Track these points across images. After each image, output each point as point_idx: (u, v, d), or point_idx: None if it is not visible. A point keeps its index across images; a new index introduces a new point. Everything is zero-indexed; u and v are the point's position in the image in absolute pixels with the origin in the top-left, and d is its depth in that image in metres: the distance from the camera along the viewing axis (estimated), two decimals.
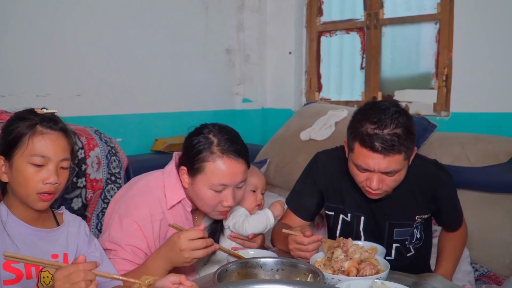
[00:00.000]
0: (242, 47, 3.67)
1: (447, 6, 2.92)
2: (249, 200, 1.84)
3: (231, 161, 1.59)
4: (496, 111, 2.73)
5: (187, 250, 1.45)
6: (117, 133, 2.76)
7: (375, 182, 1.60)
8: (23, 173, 1.34)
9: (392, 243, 1.81)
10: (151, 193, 1.65)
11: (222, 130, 1.65)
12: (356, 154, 1.61)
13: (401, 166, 1.59)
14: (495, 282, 2.24)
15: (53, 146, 1.36)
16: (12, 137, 1.35)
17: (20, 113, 1.41)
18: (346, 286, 1.32)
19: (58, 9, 2.50)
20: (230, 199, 1.61)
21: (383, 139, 1.53)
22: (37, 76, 2.44)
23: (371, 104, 1.64)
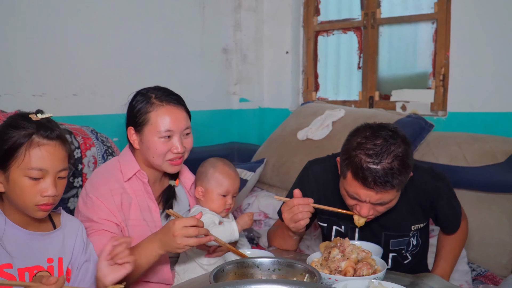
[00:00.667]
0: (239, 47, 3.66)
1: (444, 5, 2.92)
2: (218, 203, 1.84)
3: (171, 107, 1.72)
4: (493, 110, 2.73)
5: (180, 236, 1.50)
6: (113, 133, 2.75)
7: (365, 210, 1.59)
8: (20, 186, 1.31)
9: (389, 253, 1.80)
10: (108, 172, 1.77)
11: (157, 88, 1.80)
12: (348, 182, 1.57)
13: (393, 197, 1.57)
14: (492, 282, 2.24)
15: (51, 158, 1.33)
16: (7, 147, 1.31)
17: (14, 120, 1.36)
18: (343, 286, 1.32)
19: (54, 9, 2.49)
20: (179, 145, 1.71)
21: (377, 175, 1.48)
22: (33, 75, 2.43)
23: (369, 130, 1.57)
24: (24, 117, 1.36)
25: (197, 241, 1.53)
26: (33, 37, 2.42)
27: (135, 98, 1.78)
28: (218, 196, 1.84)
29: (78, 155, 2.20)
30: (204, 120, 3.45)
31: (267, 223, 2.89)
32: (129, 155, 1.81)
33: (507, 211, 2.30)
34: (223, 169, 1.86)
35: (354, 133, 1.60)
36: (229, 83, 3.68)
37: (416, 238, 1.83)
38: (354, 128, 1.64)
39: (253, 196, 2.99)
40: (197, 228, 1.52)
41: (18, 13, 2.36)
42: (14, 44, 2.36)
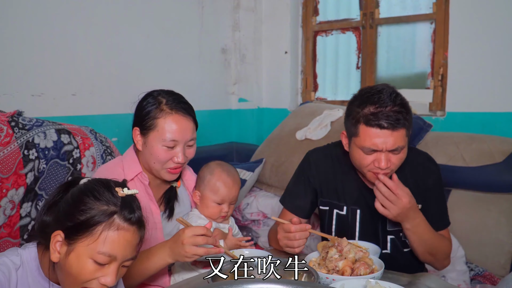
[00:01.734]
0: (238, 47, 3.66)
1: (443, 6, 2.92)
2: (213, 210, 1.84)
3: (180, 117, 1.70)
4: (492, 110, 2.73)
5: (188, 245, 1.49)
6: (112, 133, 2.75)
7: (384, 161, 1.64)
8: (83, 267, 1.17)
9: (387, 235, 1.82)
10: (110, 171, 1.75)
11: (169, 92, 1.77)
12: (362, 137, 1.64)
13: (404, 142, 1.65)
14: (490, 281, 2.24)
15: (125, 245, 1.20)
16: (83, 220, 1.16)
17: (98, 189, 1.21)
18: (340, 285, 1.32)
19: (52, 9, 2.49)
20: (181, 155, 1.70)
21: (388, 115, 1.59)
22: (31, 75, 2.43)
23: (367, 88, 1.70)
24: (109, 187, 1.22)
25: (206, 251, 1.52)
26: (31, 37, 2.42)
27: (146, 99, 1.76)
28: (213, 204, 1.83)
29: (77, 155, 2.20)
30: (202, 120, 3.41)
31: (266, 223, 2.89)
32: (132, 156, 1.81)
33: (505, 211, 2.31)
34: (220, 177, 1.84)
35: (354, 98, 1.71)
36: (228, 83, 3.68)
37: None
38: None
39: (252, 196, 2.99)
40: (205, 238, 1.51)
41: (17, 13, 2.36)
42: (13, 44, 2.36)
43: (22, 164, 1.98)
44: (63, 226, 1.18)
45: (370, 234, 1.82)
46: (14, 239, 1.96)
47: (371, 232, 1.82)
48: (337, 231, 1.88)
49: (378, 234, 1.81)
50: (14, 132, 2.00)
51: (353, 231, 1.84)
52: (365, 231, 1.82)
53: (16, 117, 2.06)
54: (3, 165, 1.91)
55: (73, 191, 1.24)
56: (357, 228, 1.83)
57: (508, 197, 2.33)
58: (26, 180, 1.98)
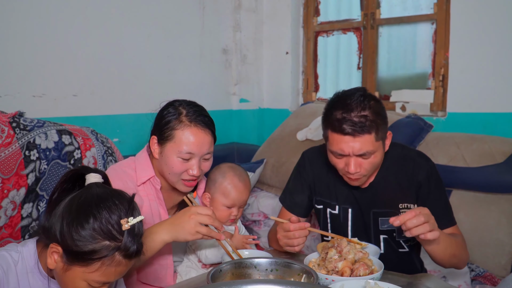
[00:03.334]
0: (239, 47, 3.67)
1: (444, 6, 2.92)
2: (222, 214, 1.85)
3: (198, 130, 1.69)
4: (492, 111, 2.73)
5: (194, 220, 1.50)
6: (113, 133, 2.76)
7: (353, 166, 1.65)
8: (74, 285, 1.21)
9: (379, 234, 1.82)
10: (123, 172, 1.75)
11: (191, 103, 1.76)
12: (330, 141, 1.68)
13: (374, 147, 1.64)
14: (491, 282, 2.24)
15: (120, 273, 1.23)
16: (84, 251, 1.17)
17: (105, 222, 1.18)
18: (339, 286, 1.33)
19: (53, 9, 2.50)
20: (196, 168, 1.69)
21: (351, 121, 1.60)
22: (32, 76, 2.44)
23: (339, 93, 1.72)
24: (114, 215, 1.20)
25: (209, 231, 1.52)
26: (32, 38, 2.43)
27: (167, 108, 1.75)
28: (223, 207, 1.83)
29: (78, 156, 2.21)
30: None
31: (267, 223, 2.89)
32: (146, 159, 1.80)
33: (506, 211, 2.31)
34: (232, 180, 1.84)
35: (328, 102, 1.74)
36: (229, 84, 3.68)
37: None
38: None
39: (253, 197, 3.00)
40: (212, 218, 1.53)
41: (18, 14, 2.37)
42: (14, 45, 2.36)
43: (23, 164, 1.99)
44: (63, 244, 1.19)
45: (362, 233, 1.82)
46: (15, 239, 1.97)
47: (363, 231, 1.82)
48: (332, 230, 1.89)
49: (370, 234, 1.82)
50: (15, 133, 2.00)
51: (345, 230, 1.85)
52: (357, 230, 1.83)
53: (17, 118, 2.06)
54: (4, 166, 1.92)
55: (78, 205, 1.21)
56: (349, 227, 1.84)
57: (509, 198, 2.33)
58: (27, 181, 1.99)
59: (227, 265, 1.40)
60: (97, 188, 1.25)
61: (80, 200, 1.22)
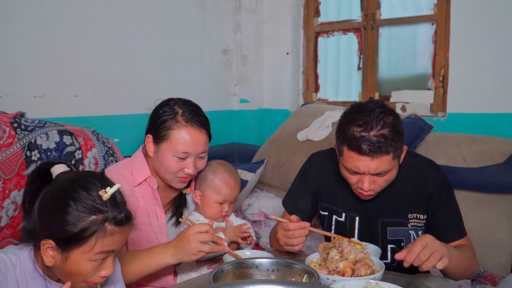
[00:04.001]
0: (239, 48, 3.67)
1: (444, 7, 2.93)
2: (214, 210, 1.85)
3: (194, 130, 1.71)
4: (492, 111, 2.74)
5: (194, 241, 1.51)
6: (114, 134, 2.76)
7: (367, 183, 1.61)
8: (83, 269, 1.20)
9: (387, 244, 1.80)
10: (119, 173, 1.76)
11: (186, 103, 1.77)
12: (345, 157, 1.62)
13: (390, 166, 1.60)
14: (491, 282, 2.24)
15: (119, 241, 1.23)
16: (75, 232, 1.16)
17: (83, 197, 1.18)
18: (341, 286, 1.33)
19: (54, 10, 2.50)
20: (192, 167, 1.72)
21: (370, 141, 1.54)
22: (33, 76, 2.44)
23: (357, 106, 1.64)
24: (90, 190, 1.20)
25: (211, 248, 1.53)
26: (33, 38, 2.43)
27: (163, 107, 1.75)
28: (215, 204, 1.84)
29: (79, 156, 2.21)
30: None
31: (267, 223, 2.90)
32: (141, 159, 1.81)
33: (506, 211, 2.31)
34: (222, 177, 1.85)
35: (344, 114, 1.67)
36: (229, 84, 3.69)
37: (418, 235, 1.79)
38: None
39: (253, 197, 3.00)
40: (210, 234, 1.53)
41: (19, 14, 2.37)
42: (15, 45, 2.37)
43: (24, 165, 1.99)
44: (52, 236, 1.18)
45: (369, 241, 1.79)
46: (17, 239, 1.97)
47: (370, 240, 1.78)
48: None
49: (378, 243, 1.78)
50: (17, 133, 2.01)
51: (351, 237, 1.83)
52: (364, 239, 1.78)
53: (18, 118, 2.06)
54: (6, 166, 1.92)
55: (53, 195, 1.21)
56: (356, 236, 1.81)
57: (509, 198, 2.34)
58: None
59: (229, 265, 1.41)
60: (65, 175, 1.25)
61: (53, 190, 1.22)
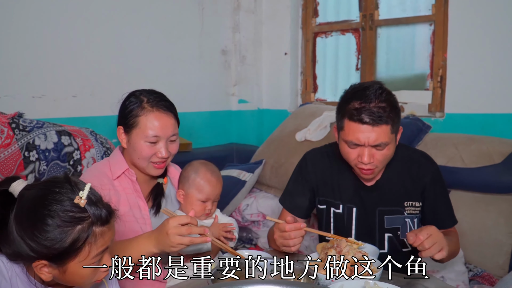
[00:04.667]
0: (238, 48, 3.68)
1: (442, 7, 2.93)
2: (197, 208, 1.86)
3: (161, 114, 1.75)
4: (490, 112, 2.74)
5: (173, 234, 1.51)
6: (113, 134, 2.75)
7: (366, 156, 1.67)
8: (84, 275, 1.19)
9: (384, 233, 1.83)
10: (97, 170, 1.81)
11: (150, 91, 1.83)
12: (346, 131, 1.69)
13: (389, 139, 1.66)
14: (489, 282, 2.25)
15: (111, 237, 1.23)
16: (65, 247, 1.13)
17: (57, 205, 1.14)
18: (339, 286, 1.33)
19: (53, 10, 2.50)
20: (164, 150, 1.75)
21: (370, 111, 1.62)
22: (32, 77, 2.44)
23: (356, 85, 1.75)
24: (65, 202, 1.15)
25: (191, 240, 1.53)
26: (32, 39, 2.43)
27: (129, 99, 1.82)
28: (198, 202, 1.86)
29: (78, 157, 2.21)
30: (203, 121, 3.47)
31: (266, 224, 2.90)
32: (118, 155, 1.86)
33: (504, 211, 2.32)
34: (204, 176, 1.87)
35: (344, 93, 1.76)
36: (228, 84, 3.69)
37: (416, 224, 1.84)
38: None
39: (252, 197, 3.00)
40: (190, 227, 1.53)
41: (18, 15, 2.37)
42: (14, 46, 2.37)
43: (22, 165, 1.99)
44: (44, 257, 1.15)
45: (367, 232, 1.83)
46: None
47: (367, 230, 1.83)
48: (335, 230, 1.90)
49: (375, 232, 1.83)
50: (15, 134, 2.01)
51: (349, 229, 1.85)
52: (361, 229, 1.84)
53: (16, 118, 2.07)
54: (4, 167, 1.92)
55: (27, 218, 1.14)
56: (353, 226, 1.85)
57: (507, 198, 2.34)
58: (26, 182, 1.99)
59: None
60: (28, 191, 1.19)
61: (24, 213, 1.15)
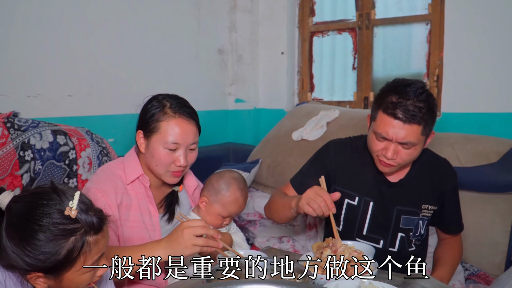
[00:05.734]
0: (235, 48, 3.67)
1: (438, 7, 2.94)
2: (216, 222, 1.86)
3: (183, 120, 1.73)
4: (487, 111, 2.75)
5: (188, 233, 1.50)
6: (108, 134, 2.76)
7: (391, 152, 1.68)
8: (81, 281, 1.19)
9: (398, 232, 1.85)
10: (111, 172, 1.77)
11: (173, 96, 1.80)
12: (378, 122, 1.70)
13: (417, 139, 1.66)
14: (485, 281, 2.25)
15: (105, 244, 1.21)
16: (59, 260, 1.12)
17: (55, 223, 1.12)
18: (334, 286, 1.33)
19: (49, 9, 2.49)
20: (183, 159, 1.72)
21: (406, 108, 1.62)
22: (27, 76, 2.43)
23: (400, 79, 1.74)
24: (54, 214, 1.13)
25: (206, 241, 1.53)
26: (27, 38, 2.42)
27: (151, 102, 1.78)
28: (219, 216, 1.85)
29: (73, 156, 2.21)
30: (199, 120, 3.46)
31: (262, 223, 2.90)
32: (134, 157, 1.82)
33: (500, 211, 2.32)
34: (234, 194, 1.84)
35: (386, 85, 1.75)
36: (225, 84, 3.69)
37: (424, 227, 1.87)
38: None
39: (249, 197, 2.99)
40: (206, 227, 1.53)
41: (13, 14, 2.36)
42: (9, 45, 2.36)
43: (18, 165, 1.99)
44: (39, 270, 1.14)
45: (380, 228, 1.84)
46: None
47: (381, 226, 1.84)
48: (346, 222, 1.90)
49: (389, 230, 1.84)
50: (10, 133, 2.00)
51: (362, 223, 1.85)
52: (375, 224, 1.85)
53: (11, 118, 2.06)
54: None
55: (18, 234, 1.12)
56: (367, 220, 1.86)
57: (503, 197, 2.35)
58: (22, 182, 1.99)
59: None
60: (16, 204, 1.15)
61: (14, 228, 1.13)
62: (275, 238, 2.80)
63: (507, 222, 2.30)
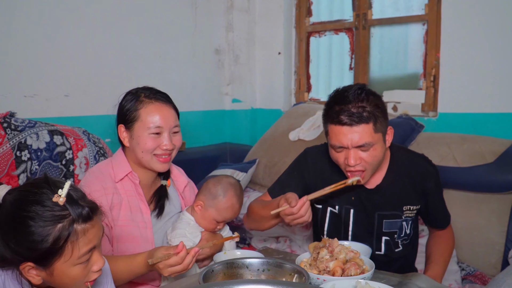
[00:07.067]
0: (231, 47, 3.67)
1: (435, 7, 2.94)
2: (210, 226, 1.85)
3: (160, 104, 1.76)
4: (483, 111, 2.75)
5: (165, 269, 1.51)
6: (106, 134, 2.75)
7: (352, 158, 1.67)
8: (73, 275, 1.18)
9: (382, 236, 1.83)
10: (101, 172, 1.78)
11: (145, 87, 1.84)
12: (330, 135, 1.71)
13: (373, 139, 1.66)
14: (481, 281, 2.26)
15: (96, 235, 1.20)
16: (48, 247, 1.12)
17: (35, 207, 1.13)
18: (331, 286, 1.33)
19: (45, 9, 2.49)
20: (168, 142, 1.74)
21: (349, 112, 1.64)
22: (24, 76, 2.43)
23: (339, 88, 1.77)
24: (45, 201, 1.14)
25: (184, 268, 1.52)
26: (24, 38, 2.42)
27: (125, 97, 1.81)
28: (213, 221, 1.84)
29: (70, 156, 2.20)
30: (196, 120, 3.46)
31: None
32: (121, 156, 1.82)
33: (496, 210, 2.33)
34: (230, 200, 1.83)
35: (328, 99, 1.78)
36: (222, 84, 3.69)
37: (409, 227, 1.86)
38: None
39: (245, 197, 2.99)
40: (182, 265, 1.50)
41: (9, 14, 2.35)
42: (5, 45, 2.35)
43: (14, 165, 1.98)
44: (28, 259, 1.14)
45: (364, 234, 1.83)
46: None
47: (365, 232, 1.83)
48: (330, 230, 1.89)
49: (373, 235, 1.83)
50: (6, 133, 2.00)
51: (346, 230, 1.85)
52: (358, 230, 1.83)
53: (8, 118, 2.05)
54: None
55: (8, 222, 1.14)
56: (350, 227, 1.85)
57: (499, 197, 2.35)
58: (18, 182, 1.98)
59: (219, 265, 1.41)
60: (10, 195, 1.17)
61: (6, 218, 1.15)
62: (272, 238, 2.80)
63: (504, 222, 2.31)
